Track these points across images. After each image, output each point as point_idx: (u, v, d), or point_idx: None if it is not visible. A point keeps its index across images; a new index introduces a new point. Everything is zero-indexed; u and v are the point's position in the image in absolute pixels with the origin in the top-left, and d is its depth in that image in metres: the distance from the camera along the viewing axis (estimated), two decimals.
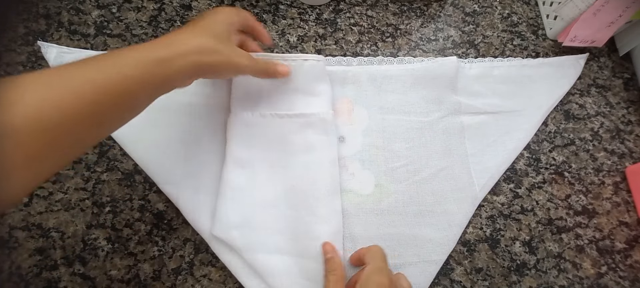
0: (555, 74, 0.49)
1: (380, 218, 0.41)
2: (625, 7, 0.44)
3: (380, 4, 0.51)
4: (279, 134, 0.41)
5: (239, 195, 0.39)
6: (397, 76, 0.46)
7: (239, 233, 0.38)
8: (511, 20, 0.52)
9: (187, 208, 0.39)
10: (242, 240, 0.37)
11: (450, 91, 0.46)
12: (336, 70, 0.45)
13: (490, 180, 0.43)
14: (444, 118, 0.45)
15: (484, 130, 0.45)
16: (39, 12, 0.46)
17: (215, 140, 0.42)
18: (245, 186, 0.39)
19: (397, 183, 0.42)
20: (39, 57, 0.44)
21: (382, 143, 0.43)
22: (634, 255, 0.42)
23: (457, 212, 0.41)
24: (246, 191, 0.39)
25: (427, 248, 0.40)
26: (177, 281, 0.38)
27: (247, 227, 0.38)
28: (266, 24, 0.49)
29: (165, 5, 0.49)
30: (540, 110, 0.47)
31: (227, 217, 0.38)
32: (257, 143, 0.41)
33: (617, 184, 0.45)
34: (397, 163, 0.43)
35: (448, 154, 0.43)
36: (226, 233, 0.38)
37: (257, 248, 0.38)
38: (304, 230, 0.38)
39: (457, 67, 0.46)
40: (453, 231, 0.41)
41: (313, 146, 0.40)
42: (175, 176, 0.40)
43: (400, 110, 0.45)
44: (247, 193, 0.39)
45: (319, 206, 0.38)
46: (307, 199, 0.39)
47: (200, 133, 0.42)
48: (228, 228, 0.38)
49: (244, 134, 0.41)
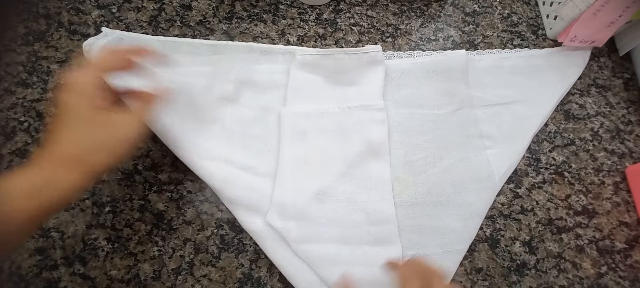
0: (564, 61, 0.49)
1: (400, 210, 0.41)
2: (625, 7, 0.44)
3: (380, 4, 0.51)
4: (335, 125, 0.43)
5: (296, 185, 0.40)
6: (408, 70, 0.46)
7: (296, 225, 0.38)
8: (511, 20, 0.52)
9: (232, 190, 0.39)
10: (298, 232, 0.38)
11: (463, 84, 0.46)
12: None
13: (509, 169, 0.44)
14: (457, 111, 0.45)
15: (499, 121, 0.46)
16: (39, 12, 0.46)
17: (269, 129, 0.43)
18: (303, 178, 0.40)
19: (415, 176, 0.43)
20: (39, 57, 0.44)
21: (398, 136, 0.44)
22: (634, 255, 0.42)
23: (477, 201, 0.42)
24: (303, 183, 0.40)
25: (449, 238, 0.40)
26: (177, 281, 0.38)
27: (302, 218, 0.39)
28: (266, 24, 0.49)
29: (165, 5, 0.48)
30: (554, 98, 0.47)
31: (284, 208, 0.39)
32: (313, 135, 0.42)
33: (617, 184, 0.45)
34: (415, 157, 0.43)
35: (465, 145, 0.44)
36: (283, 224, 0.38)
37: (312, 239, 0.38)
38: (361, 220, 0.39)
39: (467, 60, 0.47)
40: (474, 221, 0.41)
41: (368, 136, 0.42)
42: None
43: (414, 104, 0.45)
44: (304, 185, 0.40)
45: (374, 194, 0.40)
46: (364, 188, 0.40)
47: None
48: (284, 219, 0.38)
49: (300, 127, 0.42)
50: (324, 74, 0.45)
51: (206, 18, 0.48)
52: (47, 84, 0.43)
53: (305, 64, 0.45)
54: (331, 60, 0.45)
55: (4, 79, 0.43)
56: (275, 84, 0.45)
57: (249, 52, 0.45)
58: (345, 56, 0.44)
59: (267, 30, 0.48)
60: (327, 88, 0.45)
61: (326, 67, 0.45)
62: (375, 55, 0.44)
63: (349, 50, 0.45)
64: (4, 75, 0.43)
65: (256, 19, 0.49)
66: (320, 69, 0.45)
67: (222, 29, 0.48)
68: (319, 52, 0.45)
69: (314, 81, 0.45)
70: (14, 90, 0.43)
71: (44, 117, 0.42)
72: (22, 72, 0.43)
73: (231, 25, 0.48)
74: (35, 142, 0.41)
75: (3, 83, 0.43)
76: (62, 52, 0.45)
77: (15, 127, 0.41)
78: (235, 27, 0.48)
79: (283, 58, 0.46)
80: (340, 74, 0.45)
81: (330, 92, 0.44)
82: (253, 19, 0.49)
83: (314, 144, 0.42)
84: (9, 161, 0.40)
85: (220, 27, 0.48)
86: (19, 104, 0.42)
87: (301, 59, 0.45)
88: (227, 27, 0.48)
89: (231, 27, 0.48)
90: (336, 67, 0.45)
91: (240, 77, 0.44)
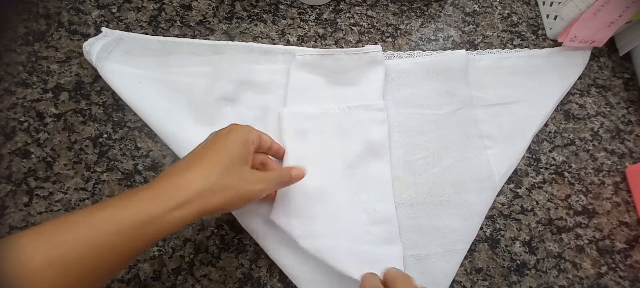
0: (564, 61, 0.49)
1: (400, 210, 0.41)
2: (625, 7, 0.44)
3: (380, 4, 0.51)
4: (335, 125, 0.43)
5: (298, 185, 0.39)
6: (408, 70, 0.46)
7: (299, 223, 0.38)
8: (511, 20, 0.52)
9: None
10: (302, 229, 0.38)
11: (463, 84, 0.46)
12: None
13: (509, 169, 0.44)
14: (457, 111, 0.45)
15: (499, 121, 0.46)
16: (39, 12, 0.46)
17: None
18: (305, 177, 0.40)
19: (416, 176, 0.43)
20: (39, 57, 0.44)
21: (398, 136, 0.44)
22: (634, 255, 0.42)
23: (477, 201, 0.42)
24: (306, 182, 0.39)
25: (450, 238, 0.40)
26: (177, 281, 0.38)
27: (305, 216, 0.39)
28: (266, 24, 0.49)
29: (165, 5, 0.48)
30: (554, 98, 0.47)
31: (288, 207, 0.38)
32: (313, 135, 0.42)
33: (617, 184, 0.45)
34: (415, 156, 0.43)
35: (465, 145, 0.44)
36: (287, 221, 0.38)
37: (316, 235, 0.38)
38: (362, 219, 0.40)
39: (467, 60, 0.47)
40: (474, 220, 0.41)
41: (368, 136, 0.42)
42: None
43: (414, 104, 0.45)
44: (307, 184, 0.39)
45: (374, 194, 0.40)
46: (364, 188, 0.41)
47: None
48: (287, 217, 0.38)
49: (300, 127, 0.42)
50: (324, 74, 0.45)
51: (206, 18, 0.48)
52: (47, 84, 0.43)
53: (305, 65, 0.45)
54: (331, 61, 0.45)
55: (4, 79, 0.43)
56: (275, 84, 0.45)
57: (249, 52, 0.45)
58: (345, 56, 0.44)
59: (267, 30, 0.48)
60: (327, 88, 0.45)
61: (326, 67, 0.45)
62: (375, 55, 0.44)
63: (349, 50, 0.45)
64: (4, 75, 0.43)
65: (256, 19, 0.49)
66: (320, 69, 0.45)
67: (222, 29, 0.48)
68: (319, 53, 0.45)
69: (314, 81, 0.45)
70: (14, 90, 0.43)
71: (44, 117, 0.42)
72: (22, 72, 0.43)
73: (231, 25, 0.48)
74: (35, 142, 0.41)
75: (3, 83, 0.43)
76: (62, 52, 0.45)
77: (15, 127, 0.41)
78: (235, 27, 0.48)
79: (283, 58, 0.46)
80: (340, 74, 0.45)
81: (331, 92, 0.44)
82: (253, 19, 0.49)
83: (315, 144, 0.42)
84: (9, 161, 0.40)
85: (220, 27, 0.48)
86: (19, 104, 0.42)
87: (301, 59, 0.45)
88: (227, 27, 0.48)
89: (231, 27, 0.48)
90: (336, 67, 0.45)
91: (240, 77, 0.44)
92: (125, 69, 0.43)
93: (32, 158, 0.41)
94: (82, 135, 0.42)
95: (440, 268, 0.39)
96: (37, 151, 0.41)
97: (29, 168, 0.40)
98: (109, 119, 0.43)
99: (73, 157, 0.41)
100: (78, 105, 0.43)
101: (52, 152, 0.41)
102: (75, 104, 0.43)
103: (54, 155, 0.41)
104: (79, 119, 0.43)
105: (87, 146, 0.42)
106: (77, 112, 0.43)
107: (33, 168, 0.40)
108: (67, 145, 0.42)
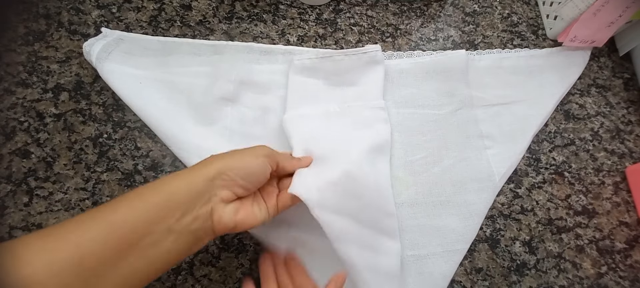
0: (564, 61, 0.49)
1: (401, 210, 0.41)
2: (625, 7, 0.44)
3: (380, 4, 0.51)
4: (337, 124, 0.42)
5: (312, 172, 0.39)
6: (408, 70, 0.46)
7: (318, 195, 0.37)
8: (511, 20, 0.52)
9: None
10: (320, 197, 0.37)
11: (463, 84, 0.46)
12: None
13: (509, 169, 0.44)
14: (457, 111, 0.45)
15: (499, 121, 0.46)
16: (39, 12, 0.46)
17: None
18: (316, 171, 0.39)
19: (416, 176, 0.43)
20: (39, 57, 0.44)
21: (398, 136, 0.44)
22: (634, 255, 0.42)
23: (477, 201, 0.42)
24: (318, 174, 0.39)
25: (450, 238, 0.40)
26: (177, 281, 0.38)
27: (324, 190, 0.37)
28: (266, 24, 0.49)
29: (165, 5, 0.48)
30: (554, 98, 0.47)
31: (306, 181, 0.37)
32: (316, 134, 0.41)
33: (617, 184, 0.45)
34: (416, 156, 0.43)
35: (465, 145, 0.44)
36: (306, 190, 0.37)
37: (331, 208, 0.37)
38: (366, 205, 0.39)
39: (467, 60, 0.47)
40: (474, 220, 0.41)
41: (370, 134, 0.41)
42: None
43: (414, 104, 0.45)
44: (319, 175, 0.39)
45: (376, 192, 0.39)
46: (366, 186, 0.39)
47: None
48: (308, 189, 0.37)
49: (303, 128, 0.41)
50: (323, 77, 0.45)
51: (206, 18, 0.48)
52: (47, 84, 0.43)
53: (304, 69, 0.44)
54: (330, 63, 0.44)
55: (4, 79, 0.43)
56: (276, 84, 0.45)
57: (249, 52, 0.45)
58: (344, 57, 0.44)
59: (267, 30, 0.48)
60: (327, 90, 0.44)
61: (325, 69, 0.44)
62: (374, 55, 0.44)
63: (349, 50, 0.45)
64: (4, 75, 0.43)
65: (256, 19, 0.49)
66: (319, 72, 0.44)
67: (222, 29, 0.48)
68: (317, 55, 0.44)
69: (314, 85, 0.44)
70: (14, 90, 0.43)
71: (44, 117, 0.42)
72: (22, 72, 0.43)
73: (231, 25, 0.48)
74: (35, 142, 0.41)
75: (3, 83, 0.43)
76: (62, 52, 0.45)
77: (15, 127, 0.41)
78: (235, 27, 0.48)
79: (283, 58, 0.46)
80: (340, 74, 0.45)
81: (331, 93, 0.44)
82: (253, 19, 0.49)
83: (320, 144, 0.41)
84: (9, 161, 0.40)
85: (220, 27, 0.48)
86: (19, 104, 0.42)
87: (299, 63, 0.44)
88: (227, 27, 0.48)
89: (231, 27, 0.48)
90: (335, 68, 0.44)
91: (240, 77, 0.44)
92: (125, 69, 0.43)
93: (32, 158, 0.41)
94: (82, 135, 0.42)
95: (439, 269, 0.39)
96: (37, 151, 0.41)
97: (29, 168, 0.40)
98: (109, 119, 0.43)
99: (73, 157, 0.41)
100: (78, 105, 0.43)
101: (52, 152, 0.41)
102: (75, 104, 0.43)
103: (54, 155, 0.41)
104: (79, 119, 0.43)
105: (87, 146, 0.42)
106: (77, 112, 0.43)
107: (33, 169, 0.40)
108: (67, 145, 0.42)
